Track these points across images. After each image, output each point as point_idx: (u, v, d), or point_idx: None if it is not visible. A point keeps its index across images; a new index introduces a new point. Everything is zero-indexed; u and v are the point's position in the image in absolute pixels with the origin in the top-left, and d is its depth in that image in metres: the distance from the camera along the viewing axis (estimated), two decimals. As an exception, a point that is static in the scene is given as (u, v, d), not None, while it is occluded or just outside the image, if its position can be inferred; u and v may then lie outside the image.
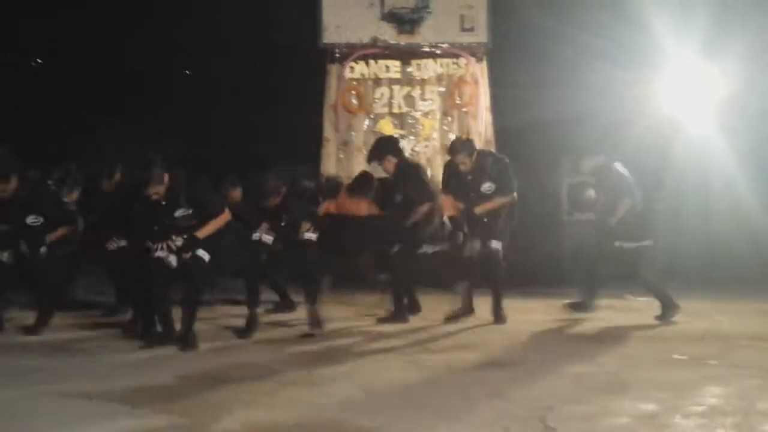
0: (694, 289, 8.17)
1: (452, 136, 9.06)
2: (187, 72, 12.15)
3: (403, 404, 3.86)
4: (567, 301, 6.81)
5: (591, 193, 8.91)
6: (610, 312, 7.03)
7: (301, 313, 6.46)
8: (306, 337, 5.80)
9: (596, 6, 9.05)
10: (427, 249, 6.73)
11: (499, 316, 6.49)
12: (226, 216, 5.62)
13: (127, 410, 3.75)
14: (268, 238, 6.02)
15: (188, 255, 5.45)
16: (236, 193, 6.90)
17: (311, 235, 6.10)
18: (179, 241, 5.40)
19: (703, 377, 4.43)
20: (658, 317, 6.48)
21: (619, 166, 6.90)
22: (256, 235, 6.02)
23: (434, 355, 5.12)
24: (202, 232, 5.44)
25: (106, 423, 3.58)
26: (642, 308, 7.33)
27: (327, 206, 6.87)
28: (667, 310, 6.47)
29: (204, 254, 5.49)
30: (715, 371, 4.64)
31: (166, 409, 3.77)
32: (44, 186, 6.62)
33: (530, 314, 6.94)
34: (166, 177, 5.36)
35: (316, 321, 5.96)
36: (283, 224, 6.03)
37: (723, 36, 8.48)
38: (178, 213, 5.44)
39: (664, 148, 9.02)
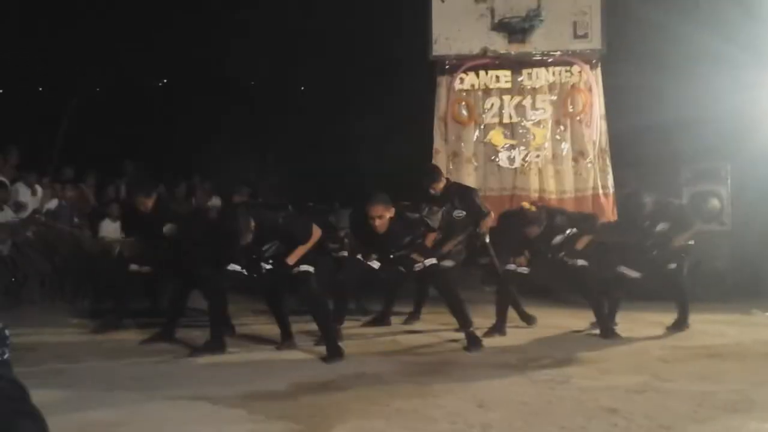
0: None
1: (565, 146, 8.92)
2: (302, 88, 12.51)
3: (516, 418, 3.80)
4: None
5: (715, 202, 8.57)
6: (734, 328, 6.72)
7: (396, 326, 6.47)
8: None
9: (717, 3, 8.69)
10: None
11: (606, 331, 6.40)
12: (315, 237, 5.76)
13: (244, 415, 3.86)
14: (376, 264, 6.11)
15: (296, 270, 5.67)
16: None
17: (431, 261, 6.02)
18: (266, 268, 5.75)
19: (839, 398, 4.15)
20: None
21: None
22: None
23: (549, 369, 5.02)
24: (291, 258, 5.65)
25: (229, 427, 3.70)
26: (769, 323, 6.98)
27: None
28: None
29: (309, 268, 5.70)
30: None
31: (280, 415, 3.86)
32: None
33: (649, 329, 6.71)
34: (252, 224, 5.52)
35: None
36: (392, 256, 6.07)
37: None
38: (266, 247, 5.71)
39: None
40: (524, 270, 6.61)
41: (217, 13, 11.60)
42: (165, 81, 13.53)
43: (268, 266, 5.74)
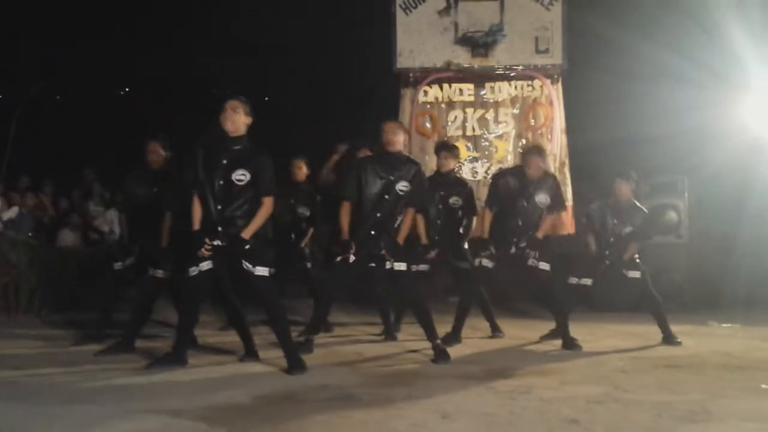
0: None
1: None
2: (266, 98, 12.48)
3: (479, 429, 3.81)
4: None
5: (672, 215, 8.74)
6: (692, 339, 6.83)
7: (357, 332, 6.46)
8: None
9: (675, 25, 8.91)
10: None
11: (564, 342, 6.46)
12: None
13: (205, 428, 3.81)
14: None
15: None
16: None
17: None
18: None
19: (794, 408, 4.24)
20: None
21: None
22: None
23: (511, 380, 5.05)
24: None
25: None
26: (726, 334, 7.10)
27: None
28: None
29: (401, 265, 5.74)
30: (806, 402, 4.44)
31: (242, 427, 3.81)
32: None
33: (609, 340, 6.80)
34: None
35: None
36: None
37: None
38: None
39: (747, 170, 8.77)
40: (488, 263, 6.62)
41: (179, 21, 11.54)
42: (127, 89, 13.40)
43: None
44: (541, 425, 3.87)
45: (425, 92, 9.35)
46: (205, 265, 5.25)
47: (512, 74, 9.31)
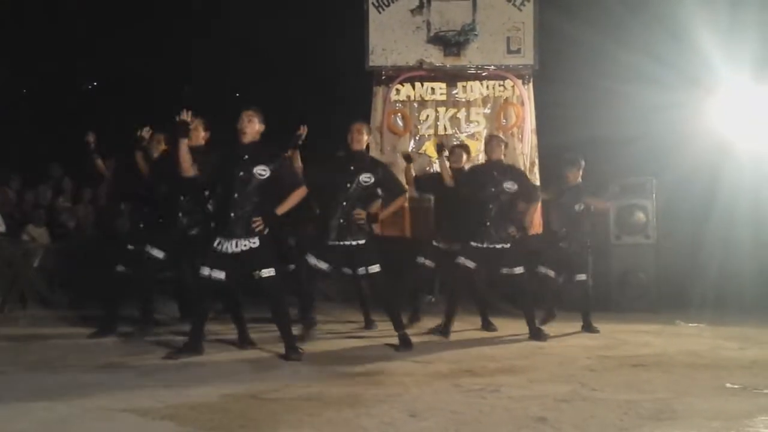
0: (748, 315, 8.01)
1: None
2: (237, 95, 12.38)
3: (448, 427, 3.82)
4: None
5: (640, 215, 8.82)
6: (659, 338, 6.91)
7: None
8: None
9: (645, 26, 8.99)
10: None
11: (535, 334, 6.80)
12: None
13: (172, 427, 3.78)
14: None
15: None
16: None
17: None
18: None
19: (757, 407, 4.29)
20: None
21: None
22: None
23: (480, 378, 5.07)
24: None
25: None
26: (693, 334, 7.19)
27: None
28: None
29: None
30: (769, 401, 4.51)
31: (210, 426, 3.79)
32: None
33: (577, 339, 6.85)
34: None
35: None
36: None
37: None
38: None
39: (715, 171, 8.88)
40: (470, 264, 6.74)
41: (150, 16, 11.41)
42: (95, 83, 13.22)
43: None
44: (510, 423, 3.89)
45: (397, 91, 9.34)
46: (217, 275, 5.60)
47: (484, 74, 9.33)
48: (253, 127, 5.71)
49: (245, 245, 5.61)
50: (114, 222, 8.57)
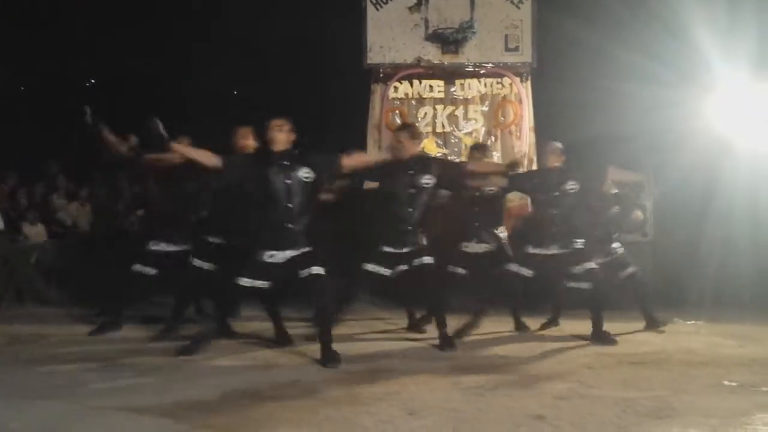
0: (746, 313, 8.01)
1: (496, 156, 9.05)
2: (235, 92, 12.38)
3: (446, 425, 3.82)
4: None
5: (639, 213, 8.82)
6: (657, 336, 6.91)
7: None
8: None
9: (643, 24, 8.99)
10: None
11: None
12: None
13: (170, 425, 3.77)
14: None
15: None
16: None
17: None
18: None
19: (755, 404, 4.30)
20: None
21: None
22: None
23: (478, 376, 5.06)
24: None
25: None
26: (690, 332, 7.19)
27: None
28: None
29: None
30: (766, 398, 4.50)
31: (208, 424, 3.78)
32: None
33: (575, 337, 6.84)
34: None
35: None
36: None
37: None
38: None
39: (713, 170, 8.88)
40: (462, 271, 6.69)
41: (147, 13, 11.39)
42: (92, 81, 13.20)
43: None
44: (508, 421, 3.89)
45: (395, 88, 9.34)
46: (261, 284, 5.46)
47: (482, 71, 9.33)
48: (285, 136, 5.59)
49: (299, 251, 5.50)
50: (126, 220, 8.54)
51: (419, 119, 9.29)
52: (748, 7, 8.66)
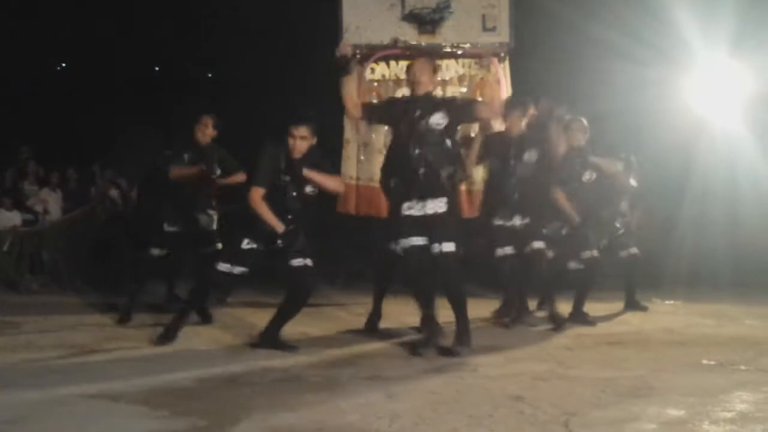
0: (723, 292, 8.07)
1: (473, 135, 9.00)
2: (209, 75, 12.24)
3: (425, 408, 3.79)
4: None
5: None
6: (636, 316, 6.94)
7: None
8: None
9: (622, 3, 8.96)
10: None
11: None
12: None
13: (146, 411, 3.72)
14: None
15: None
16: None
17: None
18: None
19: (733, 383, 4.31)
20: None
21: None
22: None
23: (457, 358, 5.05)
24: None
25: (130, 424, 3.54)
26: (668, 312, 7.24)
27: None
28: None
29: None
30: (744, 377, 4.53)
31: (185, 410, 3.73)
32: None
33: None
34: None
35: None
36: None
37: (751, 32, 8.36)
38: None
39: (690, 149, 8.91)
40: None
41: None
42: (63, 65, 12.99)
43: None
44: (487, 402, 3.87)
45: (372, 70, 9.22)
46: (238, 270, 5.46)
47: (459, 52, 9.23)
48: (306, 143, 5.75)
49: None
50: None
51: (397, 101, 9.19)
52: (726, -14, 8.66)
